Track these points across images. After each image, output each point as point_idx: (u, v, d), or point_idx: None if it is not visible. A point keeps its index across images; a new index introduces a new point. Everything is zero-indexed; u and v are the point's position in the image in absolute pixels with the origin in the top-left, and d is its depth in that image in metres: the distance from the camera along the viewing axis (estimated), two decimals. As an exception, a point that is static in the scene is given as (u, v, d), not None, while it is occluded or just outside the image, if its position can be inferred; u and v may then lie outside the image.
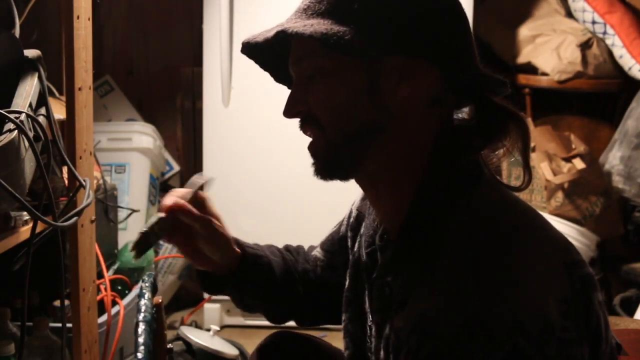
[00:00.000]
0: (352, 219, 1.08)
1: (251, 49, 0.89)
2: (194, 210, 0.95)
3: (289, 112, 0.88)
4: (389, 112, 0.82)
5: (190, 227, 0.95)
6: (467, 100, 0.86)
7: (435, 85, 0.82)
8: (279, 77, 0.96)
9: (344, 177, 0.88)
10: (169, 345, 0.94)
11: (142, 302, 0.93)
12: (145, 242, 0.92)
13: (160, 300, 0.93)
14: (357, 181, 0.90)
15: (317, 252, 1.16)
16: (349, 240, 1.08)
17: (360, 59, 0.80)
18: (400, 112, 0.81)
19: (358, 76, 0.81)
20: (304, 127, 0.88)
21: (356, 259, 1.02)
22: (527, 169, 0.85)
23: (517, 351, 0.68)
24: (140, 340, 0.82)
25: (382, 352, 0.85)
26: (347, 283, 1.03)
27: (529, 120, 2.51)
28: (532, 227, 0.81)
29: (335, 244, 1.12)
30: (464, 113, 0.87)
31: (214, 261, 1.01)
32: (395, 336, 0.77)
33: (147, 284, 1.00)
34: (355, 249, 1.03)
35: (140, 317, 0.88)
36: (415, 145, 0.83)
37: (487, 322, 0.69)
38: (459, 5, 0.85)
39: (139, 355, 0.79)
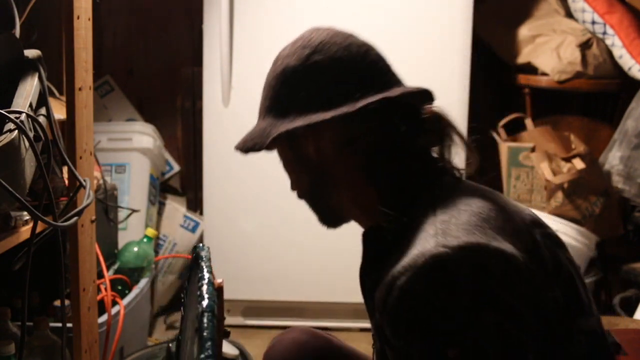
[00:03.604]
0: None
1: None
2: None
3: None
4: (319, 167, 0.97)
5: None
6: (390, 118, 0.94)
7: (338, 134, 0.94)
8: None
9: (336, 222, 1.03)
10: (226, 329, 0.84)
11: (204, 287, 0.79)
12: None
13: (222, 284, 0.82)
14: (344, 213, 1.03)
15: None
16: None
17: (283, 140, 0.97)
18: (326, 163, 0.97)
19: (286, 152, 1.00)
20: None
21: None
22: (469, 150, 0.97)
23: (483, 292, 0.75)
24: (206, 334, 0.70)
25: (378, 342, 0.91)
26: None
27: (529, 121, 2.51)
28: (490, 208, 0.86)
29: None
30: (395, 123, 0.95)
31: None
32: (377, 311, 0.84)
33: (207, 263, 0.87)
34: None
35: (205, 304, 0.75)
36: (356, 174, 0.96)
37: (450, 267, 0.75)
38: (350, 48, 0.94)
39: (208, 352, 0.68)
